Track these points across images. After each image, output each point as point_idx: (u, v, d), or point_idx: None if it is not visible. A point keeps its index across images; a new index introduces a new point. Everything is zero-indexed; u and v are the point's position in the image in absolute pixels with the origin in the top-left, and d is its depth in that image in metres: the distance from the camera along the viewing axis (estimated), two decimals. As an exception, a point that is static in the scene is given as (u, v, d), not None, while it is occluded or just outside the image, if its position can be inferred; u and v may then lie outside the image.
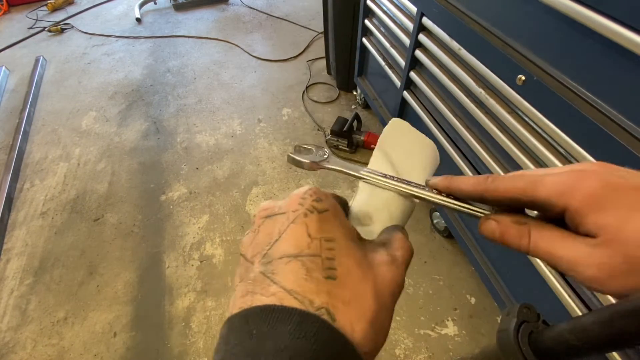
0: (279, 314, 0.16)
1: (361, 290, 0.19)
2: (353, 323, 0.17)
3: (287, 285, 0.17)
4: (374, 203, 0.27)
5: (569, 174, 0.21)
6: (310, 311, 0.17)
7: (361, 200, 0.28)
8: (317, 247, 0.19)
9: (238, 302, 0.19)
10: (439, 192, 0.26)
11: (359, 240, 0.23)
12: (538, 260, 0.82)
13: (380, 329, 0.19)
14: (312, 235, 0.19)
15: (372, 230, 0.27)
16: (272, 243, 0.20)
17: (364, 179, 0.28)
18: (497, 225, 0.23)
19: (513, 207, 0.23)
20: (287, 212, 0.21)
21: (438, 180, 0.26)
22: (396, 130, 0.31)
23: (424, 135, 0.32)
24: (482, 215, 0.25)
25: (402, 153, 0.30)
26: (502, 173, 0.87)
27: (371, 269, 0.21)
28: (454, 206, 0.25)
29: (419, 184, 0.27)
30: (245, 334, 0.16)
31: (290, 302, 0.17)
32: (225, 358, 0.16)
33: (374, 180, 0.27)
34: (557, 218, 0.22)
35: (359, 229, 0.25)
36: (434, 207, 0.23)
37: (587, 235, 0.20)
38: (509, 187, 0.22)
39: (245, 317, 0.17)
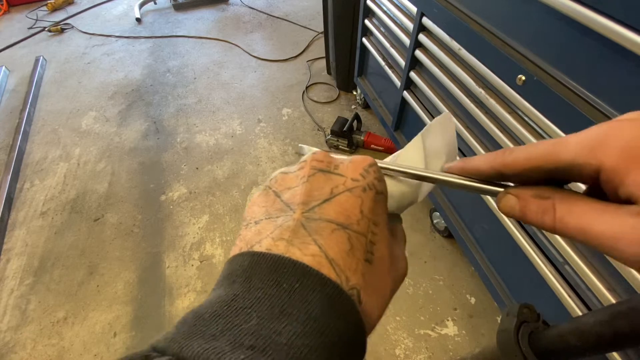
0: (315, 278, 0.16)
1: (386, 281, 0.19)
2: (373, 310, 0.18)
3: (329, 253, 0.17)
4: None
5: (599, 127, 0.17)
6: (344, 288, 0.16)
7: None
8: (366, 227, 0.18)
9: (266, 241, 0.17)
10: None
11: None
12: (538, 260, 0.82)
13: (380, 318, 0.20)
14: (365, 213, 0.19)
15: None
16: (323, 201, 0.18)
17: (383, 167, 0.27)
18: (517, 201, 0.20)
19: (536, 180, 0.20)
20: (346, 178, 0.19)
21: (453, 164, 0.25)
22: (442, 125, 0.30)
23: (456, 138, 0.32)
24: (499, 191, 0.22)
25: (435, 149, 0.29)
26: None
27: (395, 263, 0.21)
28: (471, 185, 0.24)
29: (434, 171, 0.26)
30: (272, 282, 0.15)
31: (329, 271, 0.16)
32: (247, 298, 0.15)
33: (390, 168, 0.27)
34: (591, 189, 0.19)
35: None
36: (449, 188, 0.21)
37: (630, 201, 0.16)
38: (529, 155, 0.19)
39: (276, 264, 0.16)
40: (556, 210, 0.18)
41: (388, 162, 0.27)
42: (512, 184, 0.22)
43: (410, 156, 0.29)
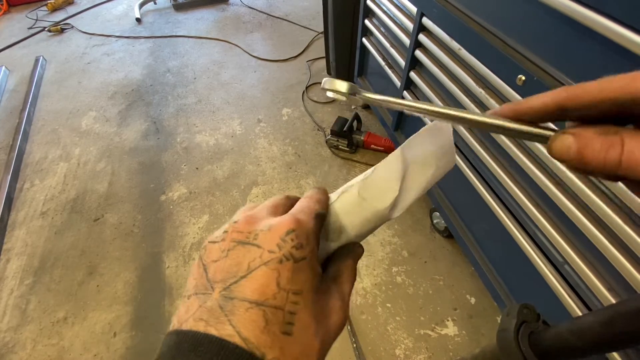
0: (232, 352, 0.16)
1: (311, 345, 0.19)
2: None
3: (243, 332, 0.17)
4: (342, 216, 0.26)
5: None
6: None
7: (334, 210, 0.27)
8: (283, 300, 0.18)
9: (190, 321, 0.18)
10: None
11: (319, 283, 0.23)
12: (538, 260, 0.82)
13: None
14: (282, 285, 0.19)
15: (332, 247, 0.27)
16: (239, 278, 0.19)
17: (405, 105, 0.24)
18: (574, 140, 0.18)
19: (603, 118, 0.18)
20: (263, 250, 0.19)
21: (500, 108, 0.21)
22: (431, 132, 0.28)
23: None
24: (551, 134, 0.19)
25: (423, 157, 0.27)
26: (505, 176, 0.87)
27: (324, 321, 0.21)
28: (519, 128, 0.20)
29: (480, 114, 0.22)
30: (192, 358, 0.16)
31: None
32: None
33: (416, 107, 0.23)
34: None
35: (321, 244, 0.26)
36: (489, 132, 0.19)
37: None
38: (602, 86, 0.17)
39: (195, 342, 0.17)
40: (625, 144, 0.17)
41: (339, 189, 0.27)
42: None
43: (382, 174, 0.27)
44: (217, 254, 0.20)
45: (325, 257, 0.26)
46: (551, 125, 0.55)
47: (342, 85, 0.26)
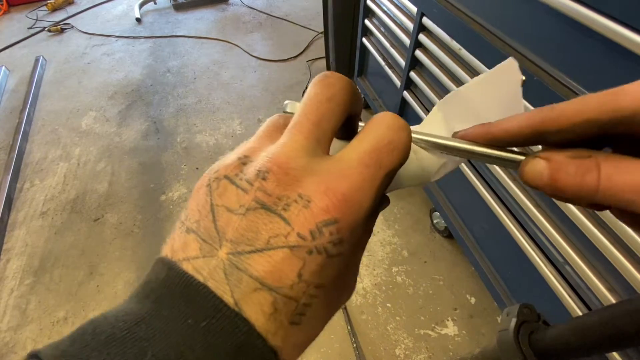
0: (226, 321, 0.14)
1: (316, 333, 0.17)
2: (290, 358, 0.16)
3: (245, 311, 0.14)
4: None
5: None
6: (258, 344, 0.15)
7: None
8: (301, 292, 0.15)
9: (188, 265, 0.15)
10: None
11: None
12: (538, 260, 0.82)
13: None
14: (304, 277, 0.15)
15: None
16: (254, 250, 0.15)
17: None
18: (546, 165, 0.17)
19: (581, 141, 0.17)
20: (292, 229, 0.15)
21: (470, 130, 0.20)
22: (497, 77, 0.23)
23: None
24: (522, 158, 0.19)
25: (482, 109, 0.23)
26: (506, 178, 0.87)
27: (335, 303, 0.19)
28: (488, 153, 0.19)
29: (440, 136, 0.21)
30: (180, 314, 0.14)
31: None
32: (150, 325, 0.14)
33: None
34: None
35: None
36: (459, 156, 0.21)
37: None
38: (580, 106, 0.16)
39: (188, 290, 0.14)
40: (601, 169, 0.15)
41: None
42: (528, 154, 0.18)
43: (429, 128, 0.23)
44: (234, 202, 0.16)
45: None
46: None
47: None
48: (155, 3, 3.16)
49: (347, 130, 0.20)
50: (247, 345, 0.14)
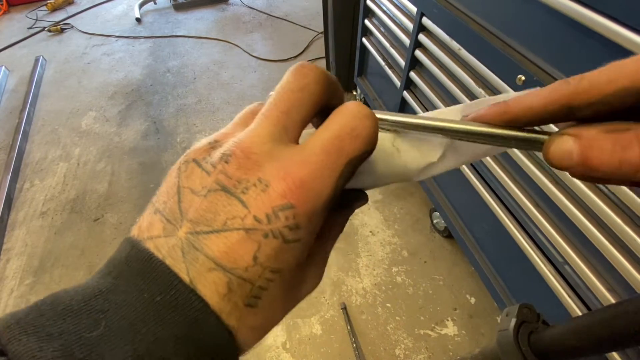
0: (180, 295, 0.14)
1: (274, 318, 0.17)
2: (248, 341, 0.16)
3: (200, 290, 0.15)
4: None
5: None
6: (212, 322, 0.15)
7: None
8: (256, 274, 0.15)
9: (150, 243, 0.15)
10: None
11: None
12: (538, 260, 0.82)
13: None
14: (259, 260, 0.15)
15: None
16: (211, 230, 0.15)
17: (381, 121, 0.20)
18: (577, 142, 0.15)
19: (614, 114, 0.15)
20: (248, 211, 0.15)
21: (483, 111, 0.18)
22: None
23: None
24: (545, 138, 0.16)
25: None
26: (506, 179, 0.87)
27: (296, 292, 0.19)
28: (509, 134, 0.17)
29: (451, 120, 0.19)
30: (135, 288, 0.14)
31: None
32: (107, 299, 0.14)
33: (385, 119, 0.20)
34: None
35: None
36: (475, 142, 0.18)
37: None
38: (612, 74, 0.14)
39: (145, 265, 0.15)
40: None
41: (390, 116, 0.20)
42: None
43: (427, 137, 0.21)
44: (197, 184, 0.16)
45: None
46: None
47: None
48: (155, 3, 3.16)
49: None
50: (200, 321, 0.14)
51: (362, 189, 0.22)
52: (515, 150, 0.82)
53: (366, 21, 1.54)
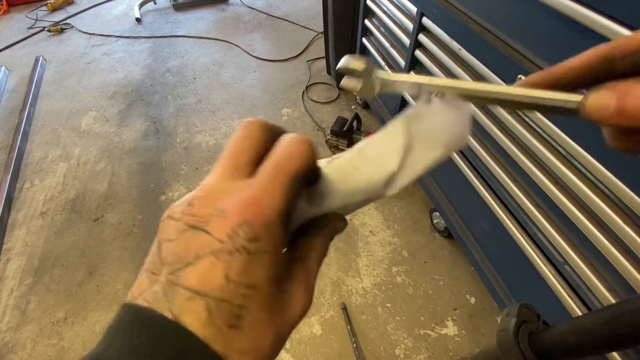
0: (164, 329, 0.15)
1: (263, 339, 0.18)
2: None
3: (182, 320, 0.16)
4: (329, 181, 0.23)
5: None
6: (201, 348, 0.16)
7: (321, 173, 0.23)
8: (232, 293, 0.16)
9: (140, 300, 0.17)
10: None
11: (282, 267, 0.20)
12: (538, 260, 0.82)
13: None
14: (231, 277, 0.17)
15: (311, 213, 0.23)
16: (185, 264, 0.17)
17: (424, 82, 0.23)
18: (613, 92, 0.16)
19: None
20: (213, 237, 0.17)
21: (529, 77, 0.20)
22: (445, 108, 0.23)
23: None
24: (581, 97, 0.18)
25: (429, 134, 0.23)
26: (506, 179, 0.87)
27: (282, 312, 0.19)
28: (546, 97, 0.18)
29: (496, 84, 0.21)
30: (126, 337, 0.16)
31: None
32: (102, 356, 0.16)
33: (430, 83, 0.22)
34: None
35: (301, 206, 0.23)
36: (511, 108, 0.23)
37: None
38: None
39: (134, 317, 0.16)
40: None
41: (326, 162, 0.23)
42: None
43: (382, 145, 0.23)
44: (172, 232, 0.18)
45: (301, 223, 0.23)
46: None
47: (358, 63, 0.23)
48: (155, 3, 3.16)
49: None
50: (189, 349, 0.15)
51: (337, 214, 0.24)
52: (515, 150, 0.82)
53: (366, 21, 1.54)
